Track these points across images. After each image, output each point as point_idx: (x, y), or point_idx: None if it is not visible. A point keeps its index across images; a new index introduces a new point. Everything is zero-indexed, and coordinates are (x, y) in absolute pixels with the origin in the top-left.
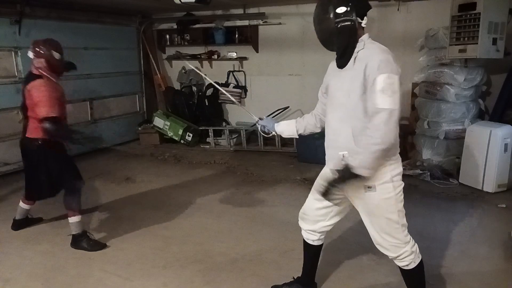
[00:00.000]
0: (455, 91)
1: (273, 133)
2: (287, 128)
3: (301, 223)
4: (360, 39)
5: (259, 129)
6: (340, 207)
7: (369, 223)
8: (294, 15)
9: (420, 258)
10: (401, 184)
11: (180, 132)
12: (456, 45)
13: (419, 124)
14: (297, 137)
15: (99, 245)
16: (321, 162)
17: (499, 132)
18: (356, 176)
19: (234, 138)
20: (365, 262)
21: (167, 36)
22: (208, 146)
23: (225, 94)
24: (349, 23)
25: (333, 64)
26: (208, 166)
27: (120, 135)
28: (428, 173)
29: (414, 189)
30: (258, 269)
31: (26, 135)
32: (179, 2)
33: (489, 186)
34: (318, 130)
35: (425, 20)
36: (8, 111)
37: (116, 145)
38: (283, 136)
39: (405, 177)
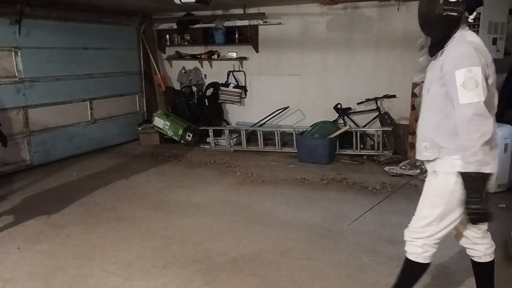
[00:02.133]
0: None
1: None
2: None
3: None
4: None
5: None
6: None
7: (418, 204)
8: (294, 15)
9: (426, 262)
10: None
11: (180, 132)
12: None
13: None
14: None
15: None
16: (321, 162)
17: (499, 132)
18: (483, 178)
19: (234, 138)
20: (365, 262)
21: (167, 36)
22: (208, 146)
23: None
24: (455, 14)
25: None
26: (208, 166)
27: (120, 135)
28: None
29: (414, 189)
30: (258, 269)
31: None
32: (179, 2)
33: (489, 186)
34: None
35: None
36: (8, 111)
37: (116, 145)
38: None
39: (405, 177)
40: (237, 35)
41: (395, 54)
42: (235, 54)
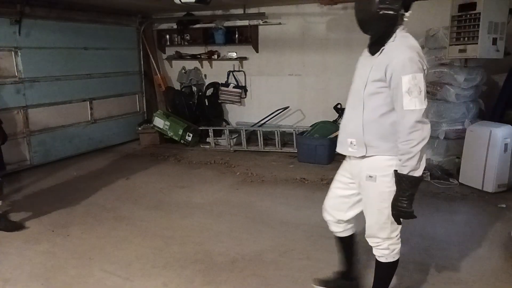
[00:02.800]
0: (455, 91)
1: None
2: None
3: (324, 216)
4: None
5: None
6: (357, 197)
7: (365, 209)
8: (294, 15)
9: (396, 259)
10: None
11: (180, 132)
12: (456, 45)
13: None
14: None
15: (15, 226)
16: (321, 162)
17: (499, 132)
18: (413, 181)
19: (234, 138)
20: (365, 262)
21: (167, 36)
22: (208, 146)
23: None
24: (391, 12)
25: (367, 48)
26: (208, 166)
27: (120, 135)
28: (428, 173)
29: None
30: (258, 269)
31: None
32: (179, 2)
33: (489, 186)
34: None
35: (425, 20)
36: (8, 111)
37: (116, 145)
38: None
39: None
40: (237, 35)
41: None
42: (235, 54)
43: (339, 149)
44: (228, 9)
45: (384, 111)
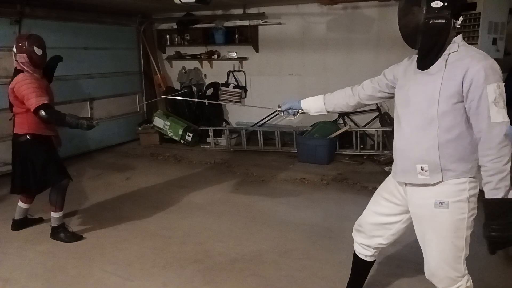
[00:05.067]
0: None
1: (300, 111)
2: (314, 105)
3: (355, 236)
4: (453, 40)
5: (284, 115)
6: (402, 225)
7: (430, 246)
8: (294, 15)
9: None
10: (475, 207)
11: (180, 132)
12: None
13: None
14: (326, 113)
15: (75, 237)
16: (321, 162)
17: None
18: (509, 203)
19: (234, 138)
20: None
21: (167, 36)
22: (208, 146)
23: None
24: (443, 20)
25: (410, 62)
26: (208, 166)
27: (120, 135)
28: None
29: None
30: (258, 269)
31: (14, 132)
32: (179, 2)
33: None
34: (350, 111)
35: None
36: (8, 111)
37: (116, 145)
38: (310, 113)
39: None
40: (237, 35)
41: (395, 54)
42: (235, 54)
43: (402, 179)
44: (228, 9)
45: (462, 129)
